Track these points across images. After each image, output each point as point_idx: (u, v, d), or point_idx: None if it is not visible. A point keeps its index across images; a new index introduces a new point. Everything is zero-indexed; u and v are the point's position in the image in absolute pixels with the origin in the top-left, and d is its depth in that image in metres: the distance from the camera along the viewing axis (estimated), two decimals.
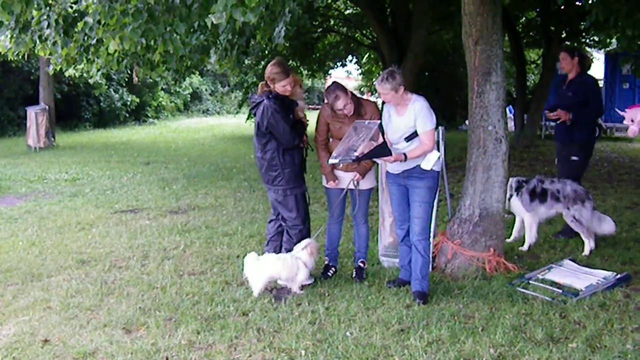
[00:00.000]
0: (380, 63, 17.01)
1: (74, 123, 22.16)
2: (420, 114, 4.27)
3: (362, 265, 4.95)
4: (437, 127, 4.43)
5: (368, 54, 20.56)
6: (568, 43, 14.38)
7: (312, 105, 28.34)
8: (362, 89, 24.84)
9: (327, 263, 4.99)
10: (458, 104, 19.97)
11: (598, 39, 15.15)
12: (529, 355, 3.47)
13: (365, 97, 23.32)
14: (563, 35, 13.84)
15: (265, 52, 12.70)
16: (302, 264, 4.53)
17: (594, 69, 19.75)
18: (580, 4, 11.70)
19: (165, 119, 27.03)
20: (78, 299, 4.54)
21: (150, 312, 4.24)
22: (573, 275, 4.76)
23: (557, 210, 5.66)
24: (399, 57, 11.70)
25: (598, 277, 4.70)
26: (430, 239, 4.60)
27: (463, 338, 3.70)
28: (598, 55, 19.32)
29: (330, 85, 4.59)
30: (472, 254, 4.85)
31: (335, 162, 4.28)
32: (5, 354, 3.66)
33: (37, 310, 4.34)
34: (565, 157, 5.98)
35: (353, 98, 4.58)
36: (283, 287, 4.64)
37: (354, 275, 4.89)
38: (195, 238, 6.27)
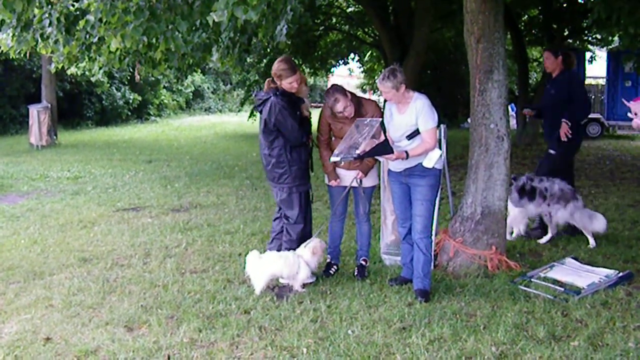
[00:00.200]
0: (382, 61, 16.98)
1: (76, 121, 22.18)
2: (422, 112, 4.27)
3: (364, 263, 4.95)
4: (438, 125, 4.43)
5: (370, 52, 20.53)
6: (570, 41, 14.36)
7: (314, 104, 28.31)
8: (364, 87, 24.82)
9: (329, 261, 5.00)
10: (460, 102, 19.94)
11: (600, 37, 15.13)
12: (531, 354, 3.47)
13: (367, 95, 23.37)
14: (565, 33, 13.80)
15: (267, 50, 12.69)
16: (303, 263, 4.53)
17: (597, 67, 19.74)
18: (583, 2, 11.68)
19: (168, 117, 27.02)
20: (80, 297, 4.54)
21: (152, 310, 4.24)
22: (575, 274, 4.75)
23: (544, 209, 5.70)
24: (401, 55, 11.69)
25: (600, 275, 4.69)
26: (432, 237, 4.59)
27: (465, 336, 3.69)
28: (600, 53, 19.27)
29: (330, 88, 4.58)
30: (474, 252, 4.85)
31: (337, 159, 4.29)
32: (8, 352, 3.66)
33: (39, 308, 4.35)
34: (546, 150, 6.09)
35: (353, 99, 4.56)
36: (285, 285, 4.64)
37: (356, 273, 4.90)
38: (197, 236, 6.28)
